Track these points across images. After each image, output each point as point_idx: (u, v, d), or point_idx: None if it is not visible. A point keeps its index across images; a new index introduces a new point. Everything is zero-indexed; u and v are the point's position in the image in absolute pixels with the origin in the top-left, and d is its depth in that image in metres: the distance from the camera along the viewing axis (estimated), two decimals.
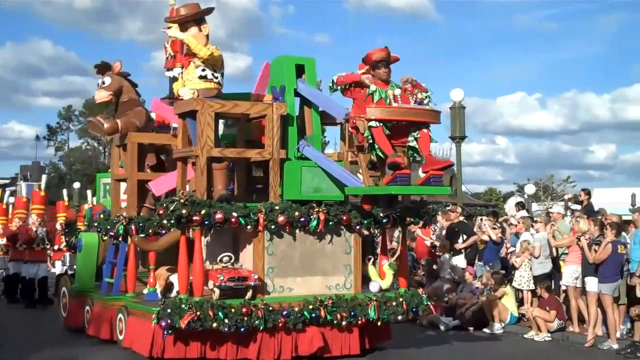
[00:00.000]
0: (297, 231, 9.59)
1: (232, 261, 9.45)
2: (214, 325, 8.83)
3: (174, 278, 10.58)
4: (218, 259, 9.40)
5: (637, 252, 12.21)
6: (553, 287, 13.61)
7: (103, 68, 11.62)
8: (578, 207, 16.79)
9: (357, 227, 9.89)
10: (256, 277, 9.22)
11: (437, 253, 16.04)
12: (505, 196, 51.24)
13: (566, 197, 32.14)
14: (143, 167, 11.32)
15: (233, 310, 8.97)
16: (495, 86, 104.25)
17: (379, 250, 11.08)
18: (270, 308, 9.16)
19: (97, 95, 11.62)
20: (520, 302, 14.17)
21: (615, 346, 11.76)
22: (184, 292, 9.19)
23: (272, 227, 9.33)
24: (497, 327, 13.15)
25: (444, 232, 16.04)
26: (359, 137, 8.75)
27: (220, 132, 10.44)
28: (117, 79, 11.54)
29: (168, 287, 10.59)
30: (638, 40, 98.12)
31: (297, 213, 9.39)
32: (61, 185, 60.65)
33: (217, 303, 8.94)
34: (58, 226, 17.98)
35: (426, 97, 8.51)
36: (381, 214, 9.93)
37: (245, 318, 8.99)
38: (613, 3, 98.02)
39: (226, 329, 8.89)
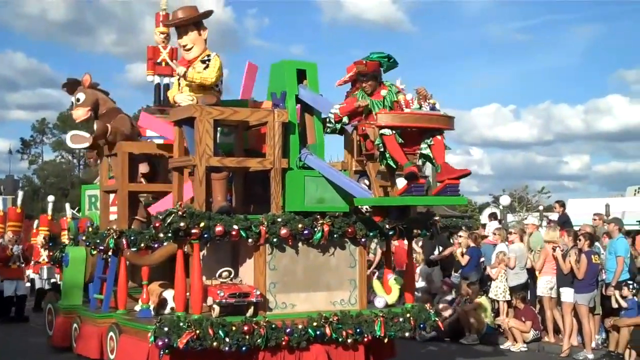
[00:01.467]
0: (300, 244, 9.12)
1: (231, 276, 8.97)
2: (214, 344, 8.32)
3: (167, 294, 10.08)
4: (217, 274, 8.91)
5: (612, 263, 12.65)
6: (529, 297, 13.79)
7: (72, 85, 11.13)
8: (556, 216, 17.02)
9: (363, 240, 9.45)
10: (258, 293, 8.74)
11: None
12: (480, 207, 51.26)
13: (540, 207, 32.19)
14: (134, 178, 10.80)
15: (234, 328, 8.47)
16: (469, 97, 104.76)
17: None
18: (273, 325, 8.67)
19: (75, 115, 11.09)
20: (496, 313, 14.20)
21: (591, 356, 12.03)
22: (180, 310, 8.69)
23: (274, 240, 8.85)
24: (473, 338, 12.98)
25: (420, 243, 15.87)
26: (367, 145, 8.30)
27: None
28: (90, 92, 11.03)
29: (161, 303, 10.08)
30: (610, 52, 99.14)
31: (300, 225, 8.91)
32: (35, 199, 59.82)
33: (217, 321, 8.44)
34: (40, 240, 17.39)
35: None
36: (387, 226, 9.50)
37: (247, 336, 8.50)
38: (586, 15, 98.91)
39: (227, 348, 8.37)
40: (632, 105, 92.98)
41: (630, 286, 12.20)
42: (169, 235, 8.47)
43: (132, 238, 10.19)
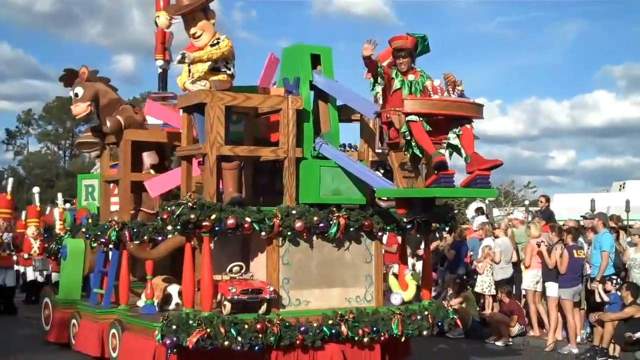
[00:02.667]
0: (315, 238, 8.67)
1: (242, 272, 8.52)
2: (226, 343, 7.86)
3: (172, 289, 9.65)
4: (227, 269, 8.45)
5: (597, 257, 12.67)
6: (514, 291, 13.86)
7: (69, 78, 10.60)
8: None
9: (379, 234, 9.00)
10: (271, 289, 8.28)
11: None
12: (466, 201, 51.04)
13: (526, 202, 32.04)
14: (138, 167, 10.32)
15: (246, 326, 8.02)
16: None
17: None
18: (287, 323, 8.22)
19: (75, 111, 10.46)
20: (481, 307, 14.40)
21: (575, 350, 12.06)
22: (189, 306, 8.23)
23: (289, 233, 8.39)
24: (459, 332, 13.06)
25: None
26: (390, 134, 7.84)
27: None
28: (88, 85, 10.45)
29: (166, 298, 9.63)
30: (596, 48, 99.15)
31: (315, 218, 8.46)
32: (20, 190, 59.12)
33: (228, 319, 7.98)
34: (31, 232, 16.85)
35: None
36: (405, 219, 9.06)
37: (260, 335, 8.05)
38: (571, 11, 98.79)
39: (238, 347, 7.92)
40: (617, 101, 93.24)
41: (614, 281, 12.30)
42: (178, 227, 8.00)
43: (134, 230, 9.73)
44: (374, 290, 9.06)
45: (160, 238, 9.83)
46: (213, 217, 7.95)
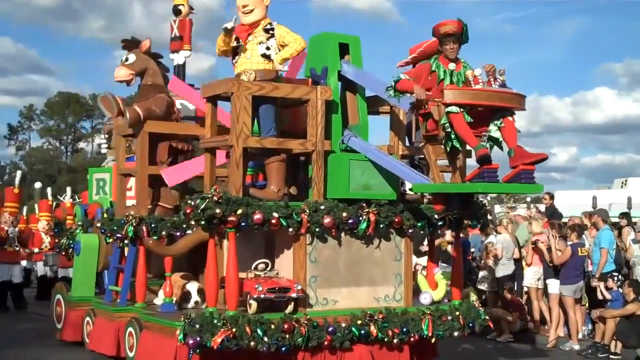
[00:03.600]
0: (343, 235, 8.31)
1: (268, 269, 8.17)
2: (252, 343, 7.51)
3: (191, 286, 9.30)
4: (253, 267, 8.10)
5: (597, 255, 12.72)
6: (516, 288, 13.83)
7: (130, 44, 10.27)
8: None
9: (409, 231, 8.64)
10: (299, 287, 7.92)
11: None
12: None
13: (528, 199, 31.70)
14: (155, 160, 9.97)
15: (273, 326, 7.67)
16: None
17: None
18: (315, 323, 7.87)
19: (116, 73, 10.13)
20: (483, 304, 13.85)
21: (577, 347, 12.01)
22: (212, 305, 7.88)
23: (317, 229, 8.03)
24: None
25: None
26: (428, 126, 7.47)
27: None
28: (143, 57, 10.18)
29: (184, 296, 9.27)
30: (597, 45, 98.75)
31: (344, 214, 8.10)
32: (23, 185, 58.83)
33: (255, 318, 7.62)
34: (42, 226, 16.51)
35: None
36: (436, 216, 8.70)
37: (287, 335, 7.70)
38: (572, 8, 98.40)
39: (265, 348, 7.58)
40: (619, 98, 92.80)
41: (615, 278, 12.24)
42: (202, 222, 7.65)
43: (152, 225, 9.38)
44: (404, 289, 8.71)
45: (178, 234, 9.53)
46: (239, 212, 7.60)
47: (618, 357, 11.31)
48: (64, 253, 13.02)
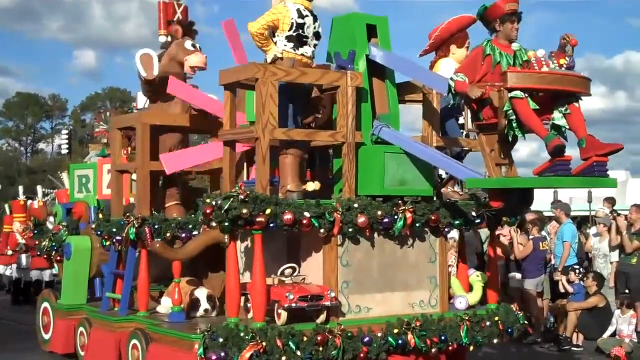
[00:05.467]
0: (376, 235, 7.55)
1: (295, 274, 7.39)
2: (283, 359, 6.71)
3: (199, 293, 8.47)
4: (279, 272, 7.30)
5: (560, 248, 13.07)
6: None
7: (190, 29, 9.57)
8: None
9: (446, 230, 7.92)
10: (332, 295, 7.14)
11: None
12: None
13: None
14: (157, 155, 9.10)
15: (305, 338, 6.88)
16: None
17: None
18: (349, 334, 7.10)
19: (200, 59, 9.30)
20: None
21: (539, 339, 12.21)
22: (234, 315, 7.08)
23: (349, 230, 7.26)
24: None
25: None
26: (483, 113, 6.73)
27: None
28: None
29: (193, 304, 8.44)
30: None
31: (379, 212, 7.34)
32: None
33: (285, 330, 6.84)
34: (17, 227, 15.50)
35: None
36: (474, 213, 8.00)
37: (321, 348, 6.92)
38: (532, 3, 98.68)
39: None
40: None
41: (577, 271, 12.60)
42: (226, 224, 6.83)
43: (156, 227, 8.53)
44: (439, 293, 7.99)
45: (183, 235, 8.71)
46: (268, 211, 6.79)
47: (580, 349, 11.43)
48: (45, 256, 12.05)
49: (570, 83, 6.36)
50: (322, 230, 7.12)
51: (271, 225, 6.85)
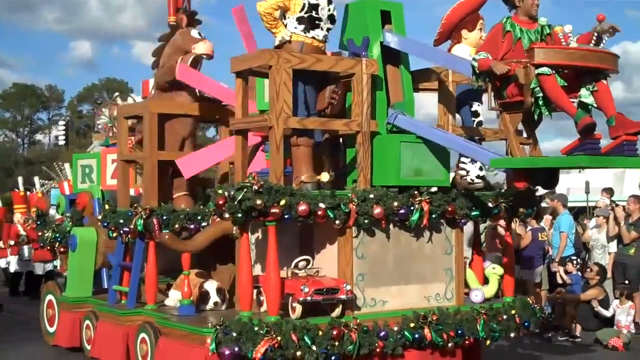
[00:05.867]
0: (391, 227, 7.37)
1: (309, 267, 7.21)
2: (298, 353, 6.55)
3: (209, 286, 8.30)
4: (293, 264, 7.13)
5: (557, 239, 13.03)
6: None
7: (194, 18, 9.43)
8: None
9: (462, 221, 7.73)
10: (348, 288, 6.96)
11: None
12: None
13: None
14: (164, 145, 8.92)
15: (320, 332, 6.71)
16: None
17: None
18: (365, 328, 6.93)
19: (207, 47, 9.14)
20: None
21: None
22: (247, 309, 6.92)
23: (365, 221, 7.07)
24: None
25: None
26: (508, 91, 6.51)
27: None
28: None
29: (202, 297, 8.26)
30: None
31: (395, 203, 7.15)
32: None
33: (300, 324, 6.66)
34: (17, 219, 15.28)
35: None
36: (490, 204, 7.82)
37: (337, 343, 6.75)
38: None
39: (313, 358, 6.62)
40: None
41: (574, 262, 12.57)
42: (239, 215, 6.64)
43: (164, 218, 8.35)
44: (455, 286, 7.81)
45: (192, 227, 8.53)
46: (282, 202, 6.61)
47: (578, 340, 11.25)
48: (48, 248, 11.84)
49: (599, 59, 6.14)
50: (337, 222, 6.94)
51: (286, 216, 6.67)
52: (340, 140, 8.06)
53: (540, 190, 8.10)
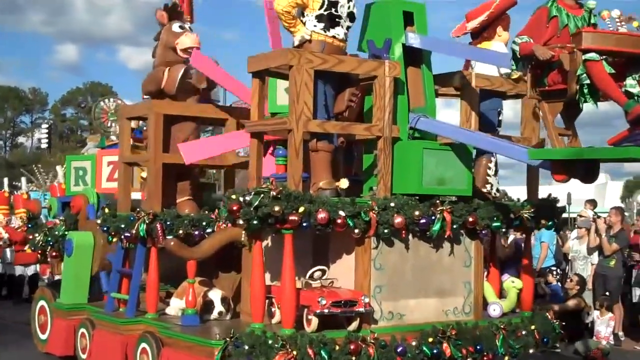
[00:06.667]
0: (410, 237, 7.05)
1: (324, 277, 6.87)
2: None
3: (213, 295, 7.92)
4: (307, 275, 6.78)
5: (538, 249, 13.03)
6: None
7: (174, 11, 8.92)
8: None
9: (483, 232, 7.42)
10: (366, 300, 6.63)
11: None
12: None
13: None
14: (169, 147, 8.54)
15: (337, 347, 6.37)
16: None
17: None
18: (382, 342, 6.59)
19: (192, 39, 8.70)
20: None
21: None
22: (259, 320, 6.57)
23: (385, 231, 6.74)
24: None
25: None
26: (549, 79, 6.18)
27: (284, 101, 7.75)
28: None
29: (206, 306, 7.89)
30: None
31: (417, 212, 6.83)
32: None
33: (317, 338, 6.31)
34: (15, 221, 14.86)
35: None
36: (512, 214, 7.52)
37: (353, 358, 6.41)
38: None
39: None
40: None
41: (554, 272, 12.72)
42: (254, 222, 6.30)
43: (168, 223, 7.97)
44: (473, 299, 7.49)
45: (196, 232, 8.16)
46: (301, 210, 6.27)
47: (557, 350, 10.85)
48: (39, 251, 11.42)
49: None
50: (356, 231, 6.60)
51: (304, 224, 6.33)
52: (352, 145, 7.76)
53: (562, 202, 7.76)
